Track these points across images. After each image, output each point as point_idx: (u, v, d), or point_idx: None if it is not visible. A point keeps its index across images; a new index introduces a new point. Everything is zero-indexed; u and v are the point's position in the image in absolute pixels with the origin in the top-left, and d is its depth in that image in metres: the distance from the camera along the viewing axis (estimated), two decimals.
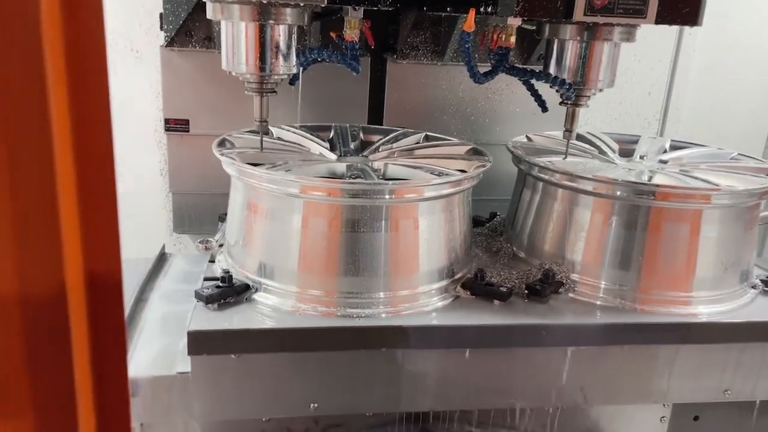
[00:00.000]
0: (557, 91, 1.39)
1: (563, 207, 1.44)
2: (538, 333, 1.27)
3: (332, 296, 1.24)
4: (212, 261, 1.45)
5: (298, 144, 1.53)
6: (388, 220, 1.22)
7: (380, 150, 1.55)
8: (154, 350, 1.23)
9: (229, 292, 1.24)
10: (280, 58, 1.27)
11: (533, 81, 1.43)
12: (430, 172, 1.31)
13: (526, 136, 1.74)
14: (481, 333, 1.25)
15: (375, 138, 1.71)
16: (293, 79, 1.44)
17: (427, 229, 1.28)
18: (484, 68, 1.44)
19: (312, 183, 1.18)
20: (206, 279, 1.36)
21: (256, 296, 1.27)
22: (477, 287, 1.35)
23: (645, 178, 1.47)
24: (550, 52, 1.41)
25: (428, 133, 1.68)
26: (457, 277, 1.38)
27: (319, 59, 1.27)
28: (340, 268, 1.24)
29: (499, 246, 1.58)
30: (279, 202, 1.24)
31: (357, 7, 1.26)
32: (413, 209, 1.25)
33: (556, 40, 1.38)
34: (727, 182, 1.43)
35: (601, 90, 1.38)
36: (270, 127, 1.60)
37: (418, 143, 1.63)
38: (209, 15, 1.24)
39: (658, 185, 1.35)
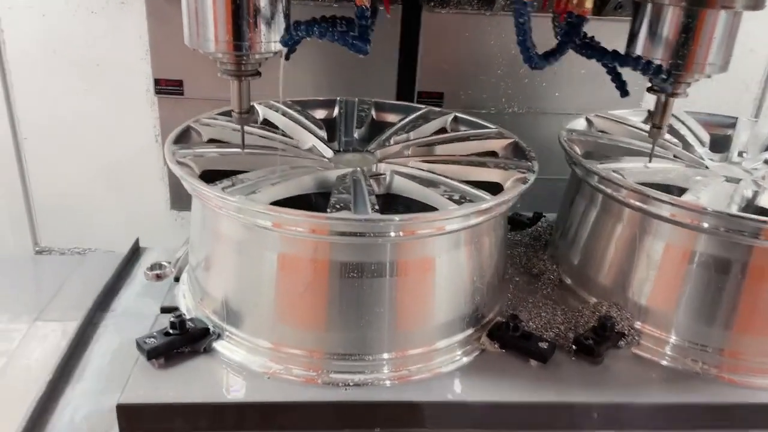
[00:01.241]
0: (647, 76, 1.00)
1: (630, 232, 1.07)
2: (588, 415, 0.95)
3: (316, 356, 0.94)
4: (177, 279, 1.17)
5: (286, 134, 1.18)
6: (390, 261, 0.90)
7: (391, 141, 1.20)
8: (84, 411, 0.96)
9: (179, 342, 0.96)
10: (262, 28, 0.91)
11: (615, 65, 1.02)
12: (449, 190, 0.96)
13: (587, 119, 1.35)
14: (509, 413, 0.94)
15: (389, 118, 1.35)
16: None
17: (445, 269, 0.95)
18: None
19: (282, 217, 0.85)
20: (163, 310, 1.08)
21: (217, 345, 0.98)
22: (509, 339, 1.02)
23: (747, 195, 1.09)
24: (639, 18, 1.00)
25: (457, 114, 1.31)
26: (485, 321, 1.05)
27: (309, 37, 0.91)
28: (326, 319, 0.94)
29: (542, 268, 1.24)
30: (247, 233, 0.92)
31: None
32: (424, 246, 0.92)
33: (649, 2, 0.97)
34: None
35: (709, 76, 0.98)
36: (255, 104, 1.26)
37: (441, 131, 1.27)
38: None
39: (765, 220, 0.98)
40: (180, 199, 1.70)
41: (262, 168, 1.01)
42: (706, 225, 0.96)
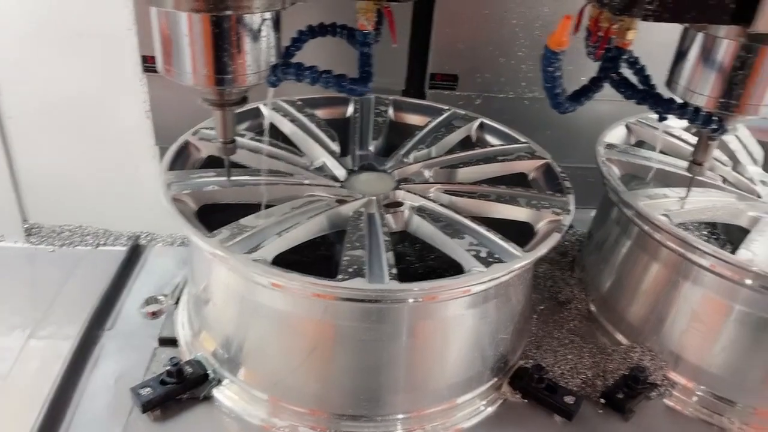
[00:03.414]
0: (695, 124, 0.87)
1: (666, 273, 0.98)
2: None
3: (322, 414, 0.87)
4: (177, 302, 1.09)
5: (294, 146, 1.07)
6: (408, 324, 0.81)
7: (410, 157, 1.08)
8: None
9: (176, 391, 0.89)
10: (248, 59, 0.77)
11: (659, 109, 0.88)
12: (475, 243, 0.85)
13: (627, 126, 1.22)
14: None
15: (410, 120, 1.23)
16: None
17: (467, 327, 0.86)
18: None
19: (283, 281, 0.75)
20: (161, 341, 1.01)
21: (216, 392, 0.91)
22: (533, 391, 0.95)
23: None
24: (686, 46, 0.86)
25: (484, 121, 1.19)
26: (507, 367, 0.98)
27: (300, 81, 0.78)
28: (334, 377, 0.86)
29: (569, 294, 1.15)
30: (250, 288, 0.83)
31: None
32: (446, 308, 0.82)
33: (699, 32, 0.83)
34: None
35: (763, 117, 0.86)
36: (260, 106, 1.14)
37: (466, 140, 1.15)
38: None
39: None
40: None
41: (268, 200, 0.90)
42: (749, 282, 0.87)
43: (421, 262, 1.10)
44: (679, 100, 0.87)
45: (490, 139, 1.18)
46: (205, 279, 0.92)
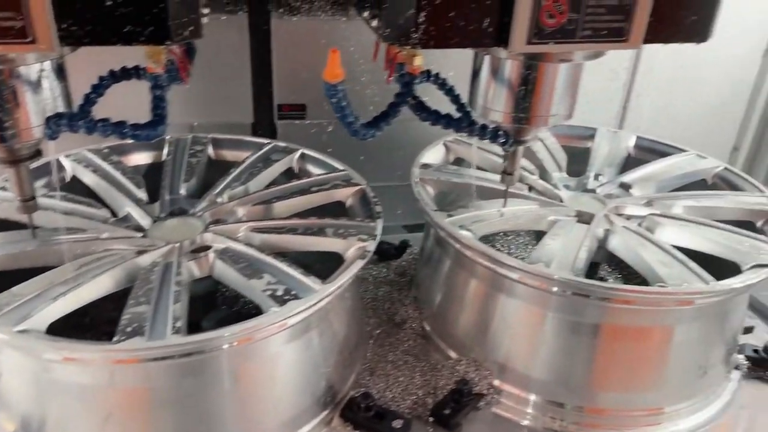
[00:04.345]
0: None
1: (483, 288, 1.01)
2: None
3: None
4: None
5: (100, 199, 1.01)
6: (195, 377, 0.78)
7: (225, 196, 1.05)
8: None
9: None
10: (30, 112, 0.73)
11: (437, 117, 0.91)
12: (273, 282, 0.83)
13: (445, 145, 1.26)
14: None
15: (230, 157, 1.20)
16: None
17: (273, 370, 0.84)
18: None
19: (57, 350, 0.70)
20: None
21: None
22: (361, 420, 0.94)
23: (599, 235, 1.04)
24: (476, 66, 0.90)
25: (304, 152, 1.18)
26: (338, 398, 0.96)
27: (75, 132, 0.74)
28: None
29: (404, 315, 1.16)
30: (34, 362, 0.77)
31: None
32: (237, 355, 0.80)
33: (486, 54, 0.87)
34: (713, 246, 1.02)
35: (554, 126, 0.91)
36: (61, 158, 1.08)
37: (289, 171, 1.14)
38: None
39: (613, 288, 0.93)
40: None
41: (55, 262, 0.84)
42: (555, 289, 0.91)
43: (237, 306, 1.07)
44: (472, 119, 0.90)
45: (312, 169, 1.18)
46: None
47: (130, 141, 1.12)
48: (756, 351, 1.09)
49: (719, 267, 0.97)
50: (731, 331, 1.02)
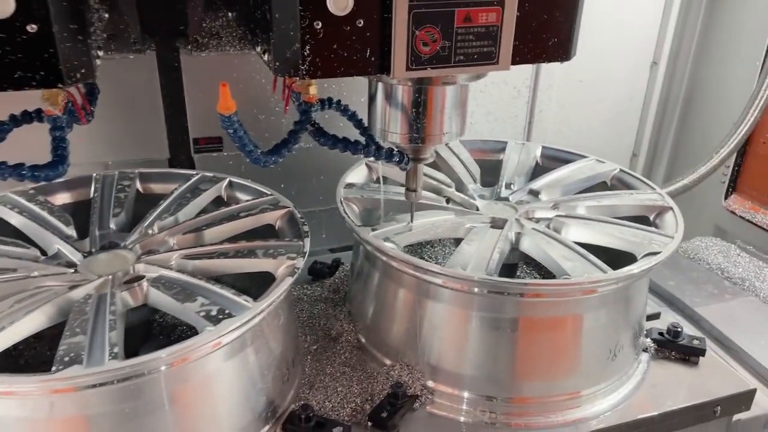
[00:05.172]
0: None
1: (410, 295, 1.08)
2: None
3: None
4: None
5: (25, 237, 1.02)
6: (136, 400, 0.80)
7: (155, 228, 1.08)
8: None
9: None
10: None
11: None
12: (207, 303, 0.87)
13: (366, 164, 1.33)
14: None
15: (158, 190, 1.23)
16: None
17: (211, 389, 0.87)
18: None
19: None
20: None
21: None
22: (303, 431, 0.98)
23: (512, 238, 1.13)
24: (371, 92, 0.98)
25: (232, 179, 1.23)
26: (279, 413, 1.00)
27: None
28: None
29: (339, 329, 1.21)
30: None
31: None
32: (176, 376, 0.83)
33: (378, 82, 0.95)
34: (612, 239, 1.12)
35: (447, 144, 0.99)
36: None
37: (218, 200, 1.18)
38: None
39: (524, 282, 1.02)
40: None
41: None
42: (475, 290, 0.99)
43: (175, 335, 1.10)
44: (368, 141, 0.98)
45: (240, 195, 1.22)
46: None
47: (56, 181, 1.15)
48: (661, 334, 1.20)
49: (619, 258, 1.08)
50: (635, 315, 1.12)
